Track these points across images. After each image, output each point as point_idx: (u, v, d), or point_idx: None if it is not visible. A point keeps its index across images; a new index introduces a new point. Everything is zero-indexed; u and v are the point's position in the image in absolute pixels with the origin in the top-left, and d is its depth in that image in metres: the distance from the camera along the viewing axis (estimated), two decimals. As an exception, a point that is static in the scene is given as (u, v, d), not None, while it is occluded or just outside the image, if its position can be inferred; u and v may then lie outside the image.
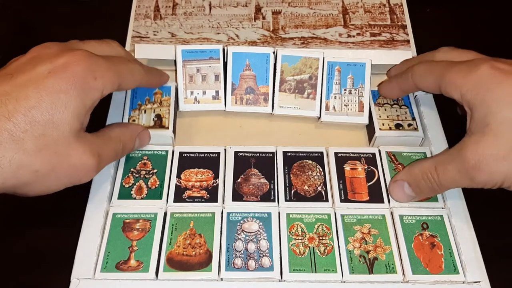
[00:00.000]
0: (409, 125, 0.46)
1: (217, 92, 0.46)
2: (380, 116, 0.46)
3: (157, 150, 0.44)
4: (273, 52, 0.48)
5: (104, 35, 0.54)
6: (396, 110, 0.47)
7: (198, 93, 0.46)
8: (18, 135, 0.32)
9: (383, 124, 0.46)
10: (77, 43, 0.38)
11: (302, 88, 0.46)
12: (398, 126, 0.46)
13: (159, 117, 0.45)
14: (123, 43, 0.52)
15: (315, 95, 0.46)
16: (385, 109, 0.47)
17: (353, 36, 0.52)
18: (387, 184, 0.42)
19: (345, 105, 0.46)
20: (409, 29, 0.53)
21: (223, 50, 0.47)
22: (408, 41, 0.52)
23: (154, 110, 0.46)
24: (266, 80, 0.47)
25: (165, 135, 0.44)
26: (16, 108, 0.32)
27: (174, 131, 0.45)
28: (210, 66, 0.46)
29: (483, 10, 0.61)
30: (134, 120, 0.45)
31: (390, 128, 0.45)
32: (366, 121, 0.46)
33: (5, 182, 0.32)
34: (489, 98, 0.34)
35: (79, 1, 0.59)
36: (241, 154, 0.44)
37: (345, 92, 0.46)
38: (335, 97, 0.46)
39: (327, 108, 0.46)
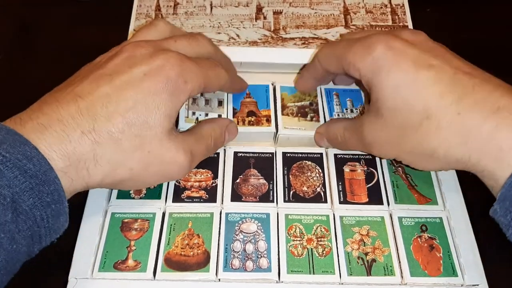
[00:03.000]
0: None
1: (219, 115, 0.45)
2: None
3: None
4: (272, 84, 0.48)
5: (104, 35, 0.55)
6: None
7: (200, 114, 0.45)
8: (116, 136, 0.33)
9: None
10: (169, 42, 0.38)
11: (304, 113, 0.46)
12: None
13: None
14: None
15: (318, 118, 0.46)
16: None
17: (354, 37, 0.51)
18: (387, 186, 0.42)
19: None
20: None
21: None
22: (409, 42, 0.51)
23: None
24: (267, 105, 0.46)
25: None
26: (115, 109, 0.33)
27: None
28: (214, 92, 0.46)
29: (483, 10, 0.61)
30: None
31: None
32: None
33: (104, 180, 0.34)
34: (380, 84, 0.35)
35: (79, 1, 0.59)
36: (240, 154, 0.44)
37: (346, 111, 0.46)
38: (338, 115, 0.46)
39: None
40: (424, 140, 0.34)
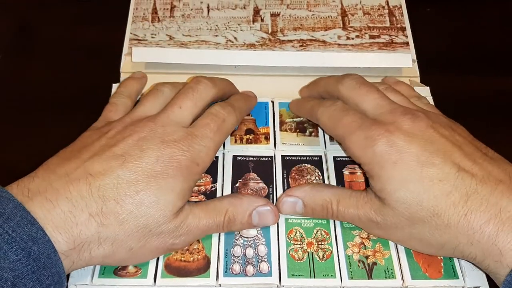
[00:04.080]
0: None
1: None
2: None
3: (155, 154, 0.44)
4: (271, 101, 0.48)
5: (104, 35, 0.55)
6: None
7: None
8: (123, 217, 0.33)
9: None
10: (174, 112, 0.38)
11: (303, 128, 0.46)
12: None
13: None
14: (120, 45, 0.52)
15: (317, 133, 0.46)
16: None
17: (352, 39, 0.51)
18: None
19: None
20: (408, 31, 0.52)
21: None
22: (407, 43, 0.51)
23: None
24: (266, 122, 0.46)
25: None
26: (126, 192, 0.33)
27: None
28: None
29: (483, 10, 0.61)
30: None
31: None
32: None
33: (103, 260, 0.34)
34: (385, 175, 0.35)
35: (79, 1, 0.59)
36: (239, 158, 0.44)
37: None
38: None
39: (331, 139, 0.45)
40: (434, 235, 0.34)
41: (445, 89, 0.48)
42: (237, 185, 0.42)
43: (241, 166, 0.43)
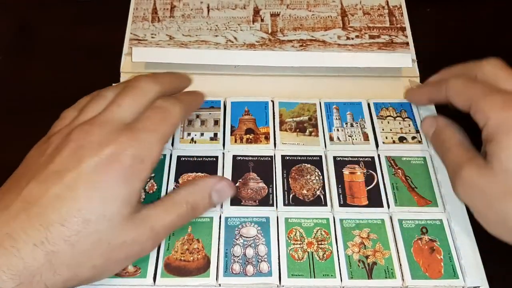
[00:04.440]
0: (413, 138, 0.45)
1: (215, 134, 0.45)
2: (383, 129, 0.46)
3: (155, 154, 0.44)
4: (271, 100, 0.48)
5: (104, 35, 0.54)
6: (400, 123, 0.46)
7: (195, 135, 0.45)
8: (72, 239, 0.31)
9: (386, 138, 0.45)
10: (113, 111, 0.36)
11: (303, 128, 0.46)
12: (402, 139, 0.45)
13: None
14: (120, 45, 0.51)
15: (317, 133, 0.46)
16: (388, 122, 0.46)
17: (352, 39, 0.51)
18: (387, 188, 0.42)
19: (349, 135, 0.46)
20: (408, 31, 0.52)
21: (224, 102, 0.48)
22: (407, 43, 0.51)
23: None
24: (266, 122, 0.46)
25: (164, 148, 0.44)
26: (68, 212, 0.31)
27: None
28: (210, 113, 0.46)
29: (483, 10, 0.61)
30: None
31: (394, 142, 0.45)
32: (374, 149, 0.45)
33: (66, 284, 0.31)
34: (506, 142, 0.35)
35: (79, 1, 0.59)
36: (239, 158, 0.44)
37: (346, 125, 0.46)
38: (338, 129, 0.46)
39: (331, 139, 0.45)
40: None
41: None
42: (237, 184, 0.42)
43: (241, 166, 0.43)
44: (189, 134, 0.45)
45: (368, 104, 0.48)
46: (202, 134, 0.45)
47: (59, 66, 0.53)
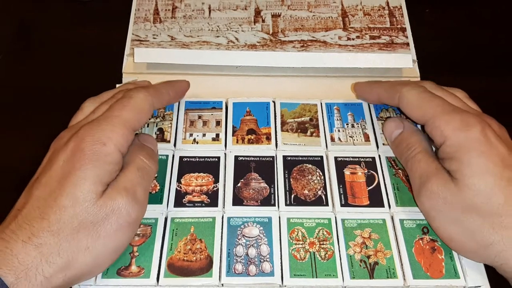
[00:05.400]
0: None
1: (217, 134, 0.46)
2: (382, 131, 0.46)
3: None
4: (273, 101, 0.48)
5: (104, 35, 0.55)
6: None
7: (197, 135, 0.45)
8: (54, 228, 0.33)
9: (386, 139, 0.45)
10: (81, 115, 0.40)
11: (304, 128, 0.46)
12: None
13: (161, 130, 0.45)
14: (123, 45, 0.52)
15: (318, 133, 0.46)
16: (388, 124, 0.47)
17: (353, 39, 0.52)
18: (388, 188, 0.42)
19: (350, 136, 0.46)
20: (409, 32, 0.53)
21: (226, 103, 0.48)
22: (407, 44, 0.52)
23: (156, 124, 0.46)
24: (267, 122, 0.47)
25: (166, 149, 0.44)
26: (46, 205, 0.34)
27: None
28: (212, 114, 0.47)
29: (482, 10, 0.61)
30: (136, 134, 0.45)
31: None
32: (375, 149, 0.45)
33: (67, 275, 0.33)
34: (468, 161, 0.36)
35: (79, 2, 0.59)
36: (241, 158, 0.44)
37: (347, 126, 0.46)
38: (339, 130, 0.46)
39: (332, 139, 0.46)
40: (483, 231, 0.35)
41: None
42: (238, 185, 0.42)
43: (242, 166, 0.43)
44: (191, 135, 0.45)
45: (369, 105, 0.48)
46: (204, 135, 0.45)
47: (59, 66, 0.53)
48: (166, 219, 0.40)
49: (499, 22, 0.60)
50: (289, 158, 0.44)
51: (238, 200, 0.41)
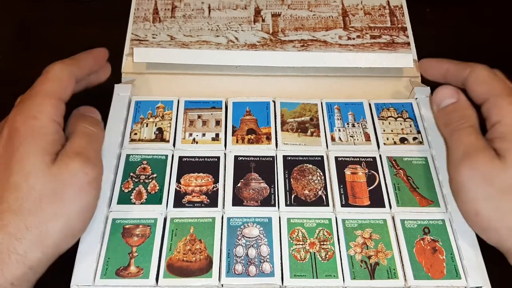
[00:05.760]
0: (414, 138, 0.45)
1: (217, 134, 0.45)
2: (384, 131, 0.46)
3: (156, 155, 0.44)
4: (273, 101, 0.48)
5: (104, 35, 0.54)
6: (401, 124, 0.46)
7: (197, 135, 0.45)
8: (15, 206, 0.34)
9: (387, 139, 0.45)
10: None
11: (304, 128, 0.46)
12: (403, 140, 0.45)
13: (160, 130, 0.45)
14: (122, 45, 0.51)
15: (319, 133, 0.46)
16: (389, 123, 0.46)
17: (353, 39, 0.51)
18: (388, 189, 0.42)
19: (350, 136, 0.46)
20: (409, 31, 0.52)
21: (226, 103, 0.48)
22: (408, 43, 0.51)
23: (155, 124, 0.45)
24: (267, 122, 0.46)
25: (165, 149, 0.44)
26: (2, 189, 0.34)
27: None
28: (211, 114, 0.47)
29: (483, 9, 0.61)
30: (136, 134, 0.45)
31: (395, 143, 0.45)
32: (376, 149, 0.45)
33: (42, 246, 0.34)
34: None
35: (79, 2, 0.59)
36: (241, 158, 0.44)
37: (348, 126, 0.46)
38: (339, 130, 0.46)
39: (332, 139, 0.45)
40: None
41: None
42: (238, 185, 0.42)
43: (242, 166, 0.43)
44: (190, 135, 0.45)
45: (370, 105, 0.48)
46: (203, 135, 0.45)
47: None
48: (165, 219, 0.40)
49: (500, 21, 0.60)
50: (289, 158, 0.44)
51: (238, 201, 0.41)
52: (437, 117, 0.43)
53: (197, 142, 0.45)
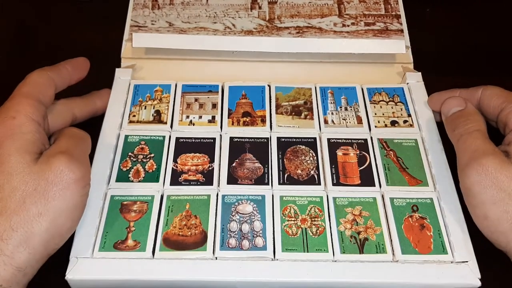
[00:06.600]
0: (405, 121, 0.47)
1: (213, 116, 0.47)
2: (375, 114, 0.47)
3: (154, 136, 0.45)
4: (268, 85, 0.49)
5: (104, 35, 0.55)
6: (392, 107, 0.48)
7: (194, 117, 0.47)
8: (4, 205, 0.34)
9: (378, 122, 0.46)
10: None
11: (298, 111, 0.47)
12: (393, 123, 0.47)
13: (158, 112, 0.46)
14: (120, 45, 0.52)
15: (312, 116, 0.47)
16: (381, 106, 0.48)
17: (348, 26, 0.52)
18: (379, 169, 0.43)
19: (343, 119, 0.47)
20: (403, 19, 0.53)
21: (222, 87, 0.49)
22: (401, 31, 0.52)
23: (154, 106, 0.47)
24: (262, 105, 0.48)
25: (163, 130, 0.46)
26: None
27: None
28: (208, 97, 0.48)
29: (482, 10, 0.61)
30: (134, 116, 0.46)
31: (386, 125, 0.46)
32: (367, 131, 0.46)
33: (29, 246, 0.34)
34: None
35: (79, 2, 0.60)
36: (236, 139, 0.45)
37: (340, 109, 0.48)
38: (332, 113, 0.47)
39: (325, 122, 0.47)
40: None
41: (445, 89, 0.48)
42: (233, 165, 0.43)
43: (237, 147, 0.44)
44: (187, 117, 0.47)
45: (362, 89, 0.49)
46: (200, 117, 0.47)
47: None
48: (162, 196, 0.41)
49: (499, 21, 0.60)
50: (283, 140, 0.45)
51: (232, 179, 0.42)
52: (445, 124, 0.44)
53: (193, 124, 0.46)
